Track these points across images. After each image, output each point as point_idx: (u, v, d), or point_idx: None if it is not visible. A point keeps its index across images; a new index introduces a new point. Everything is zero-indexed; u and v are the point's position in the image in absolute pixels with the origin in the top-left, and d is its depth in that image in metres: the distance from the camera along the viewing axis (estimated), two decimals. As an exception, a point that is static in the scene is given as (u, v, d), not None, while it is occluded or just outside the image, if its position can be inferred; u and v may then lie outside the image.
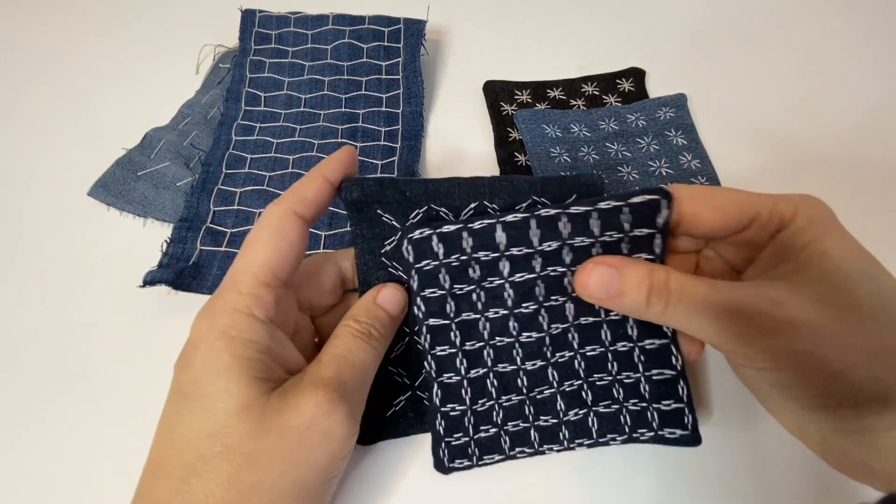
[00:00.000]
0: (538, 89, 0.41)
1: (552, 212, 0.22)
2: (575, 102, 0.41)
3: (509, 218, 0.22)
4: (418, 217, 0.24)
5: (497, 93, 0.41)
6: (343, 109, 0.40)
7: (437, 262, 0.23)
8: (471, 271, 0.23)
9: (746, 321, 0.20)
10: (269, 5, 0.43)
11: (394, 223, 0.24)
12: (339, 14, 0.42)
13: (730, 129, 0.39)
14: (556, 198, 0.24)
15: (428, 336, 0.24)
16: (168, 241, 0.32)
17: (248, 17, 0.42)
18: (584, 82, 0.42)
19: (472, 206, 0.24)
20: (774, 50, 0.44)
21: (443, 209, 0.24)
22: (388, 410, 0.26)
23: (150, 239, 0.33)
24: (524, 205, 0.24)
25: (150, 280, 0.30)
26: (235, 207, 0.34)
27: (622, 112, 0.39)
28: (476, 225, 0.22)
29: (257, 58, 0.41)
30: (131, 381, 0.29)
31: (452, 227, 0.22)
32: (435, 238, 0.22)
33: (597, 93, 0.41)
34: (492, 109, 0.40)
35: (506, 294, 0.23)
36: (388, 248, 0.25)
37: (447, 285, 0.23)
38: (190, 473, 0.19)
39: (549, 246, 0.22)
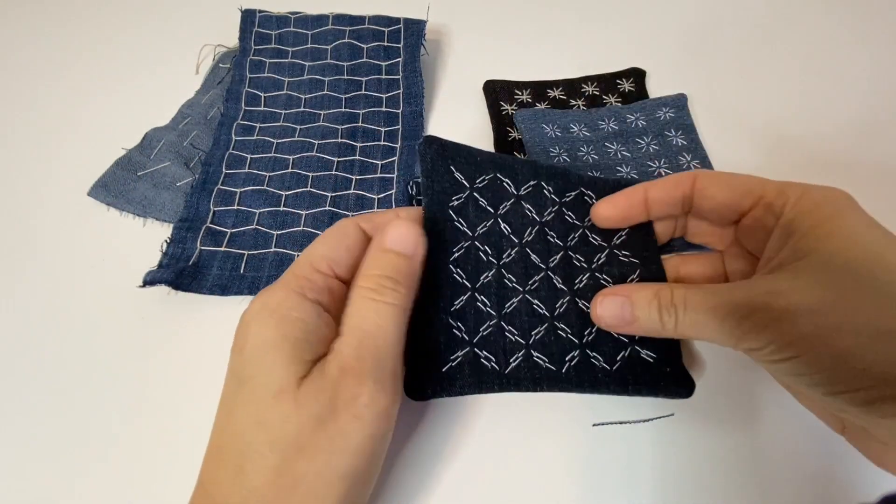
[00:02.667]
0: (538, 89, 0.41)
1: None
2: (575, 102, 0.41)
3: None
4: (484, 182, 0.27)
5: (497, 92, 0.41)
6: (343, 109, 0.40)
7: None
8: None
9: (747, 318, 0.20)
10: (269, 5, 0.43)
11: (463, 181, 0.27)
12: (339, 14, 0.42)
13: (730, 130, 0.39)
14: (601, 193, 0.29)
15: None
16: (168, 241, 0.32)
17: (248, 17, 0.42)
18: (584, 82, 0.42)
19: (532, 183, 0.28)
20: (774, 50, 0.44)
21: (507, 180, 0.28)
22: (444, 365, 0.24)
23: (150, 239, 0.33)
24: (573, 193, 0.29)
25: (150, 280, 0.30)
26: (235, 207, 0.34)
27: (622, 112, 0.39)
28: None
29: (257, 58, 0.42)
30: (131, 381, 0.29)
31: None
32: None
33: (597, 93, 0.41)
34: (492, 109, 0.40)
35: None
36: (455, 202, 0.26)
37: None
38: (244, 461, 0.19)
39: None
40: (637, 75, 0.42)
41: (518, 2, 0.49)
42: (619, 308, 0.23)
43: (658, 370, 0.25)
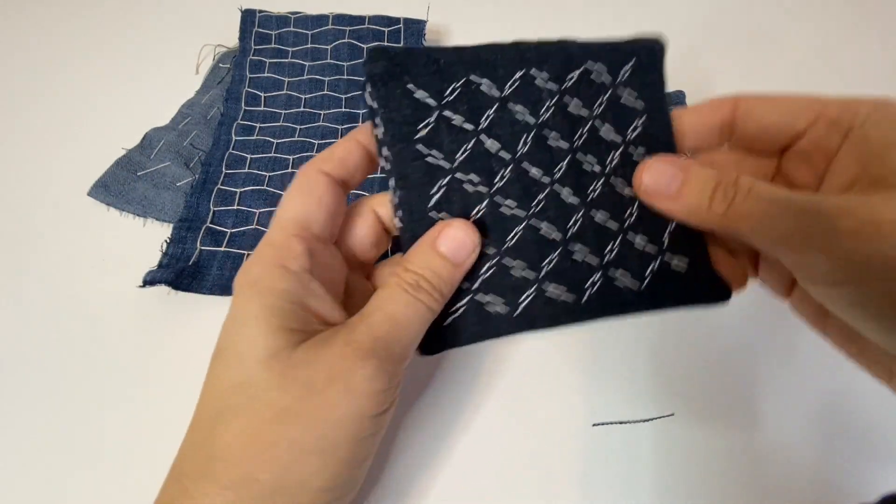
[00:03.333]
0: (538, 89, 0.41)
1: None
2: (575, 102, 0.41)
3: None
4: (455, 92, 0.21)
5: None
6: (343, 109, 0.40)
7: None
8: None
9: (824, 223, 0.17)
10: (269, 5, 0.43)
11: (428, 101, 0.21)
12: (339, 14, 0.42)
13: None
14: (614, 64, 0.23)
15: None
16: (168, 241, 0.32)
17: (248, 17, 0.42)
18: (583, 82, 0.42)
19: (518, 75, 0.22)
20: (773, 48, 0.44)
21: (484, 80, 0.21)
22: (445, 318, 0.22)
23: (150, 239, 0.33)
24: (576, 73, 0.22)
25: (150, 280, 0.30)
26: (235, 207, 0.34)
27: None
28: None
29: (257, 58, 0.42)
30: (131, 381, 0.29)
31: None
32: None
33: (597, 93, 0.41)
34: (492, 109, 0.40)
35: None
36: (423, 132, 0.21)
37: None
38: (217, 423, 0.18)
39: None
40: (637, 75, 0.42)
41: (518, 2, 0.49)
42: (669, 179, 0.20)
43: (691, 278, 0.22)
